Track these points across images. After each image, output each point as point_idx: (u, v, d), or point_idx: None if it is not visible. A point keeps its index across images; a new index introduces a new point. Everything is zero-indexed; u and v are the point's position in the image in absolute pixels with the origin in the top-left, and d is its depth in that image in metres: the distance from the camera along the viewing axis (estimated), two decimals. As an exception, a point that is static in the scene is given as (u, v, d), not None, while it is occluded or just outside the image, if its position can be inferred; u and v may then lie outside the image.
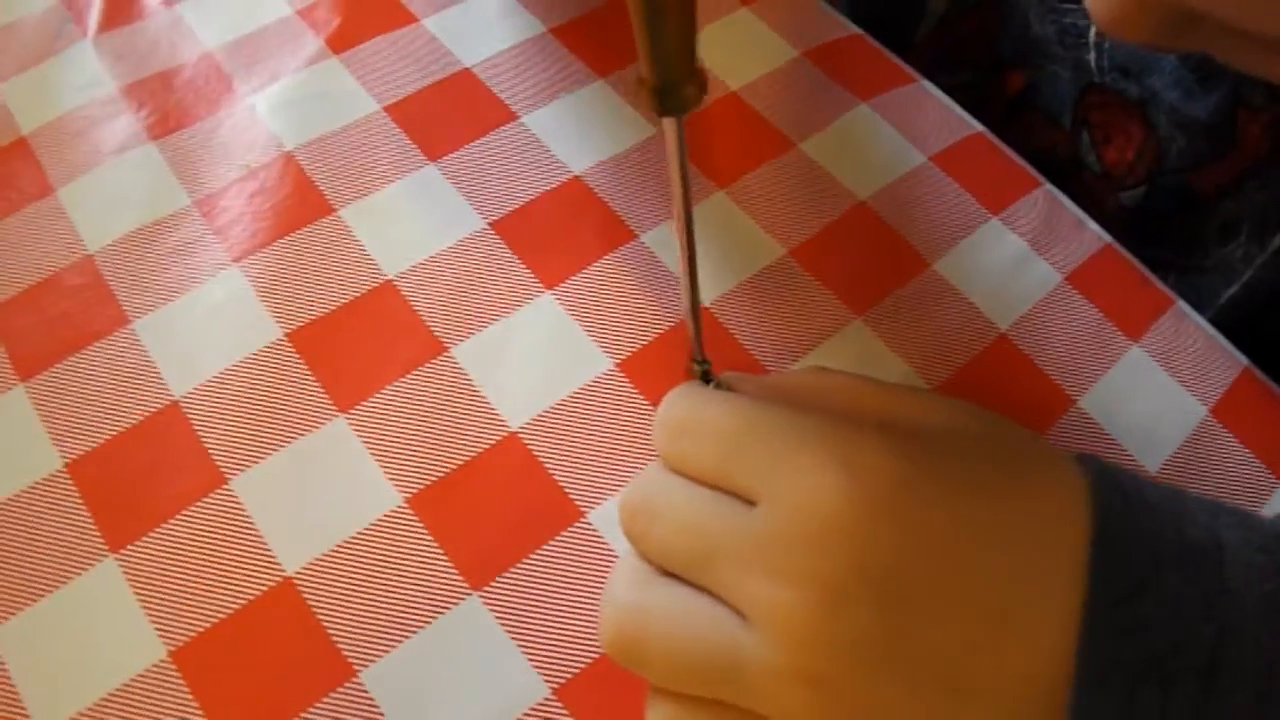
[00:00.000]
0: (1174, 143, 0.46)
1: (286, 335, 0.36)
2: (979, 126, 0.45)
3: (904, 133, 0.44)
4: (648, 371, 0.36)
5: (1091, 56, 0.47)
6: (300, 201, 0.40)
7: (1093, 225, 0.43)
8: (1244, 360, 0.41)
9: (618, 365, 0.36)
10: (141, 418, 0.34)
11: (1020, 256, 0.41)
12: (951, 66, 0.56)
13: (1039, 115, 0.52)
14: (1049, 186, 0.44)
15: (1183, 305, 0.42)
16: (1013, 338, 0.39)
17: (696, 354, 0.34)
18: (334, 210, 0.40)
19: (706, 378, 0.34)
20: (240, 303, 0.37)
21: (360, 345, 0.36)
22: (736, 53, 0.45)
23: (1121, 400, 0.38)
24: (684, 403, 0.29)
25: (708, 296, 0.38)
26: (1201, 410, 0.39)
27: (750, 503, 0.26)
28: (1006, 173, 0.44)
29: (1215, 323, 0.48)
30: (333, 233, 0.39)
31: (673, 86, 0.24)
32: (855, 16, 0.50)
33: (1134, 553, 0.25)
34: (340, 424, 0.34)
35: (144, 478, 0.33)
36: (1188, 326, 0.41)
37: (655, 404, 0.35)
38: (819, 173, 0.42)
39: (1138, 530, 0.25)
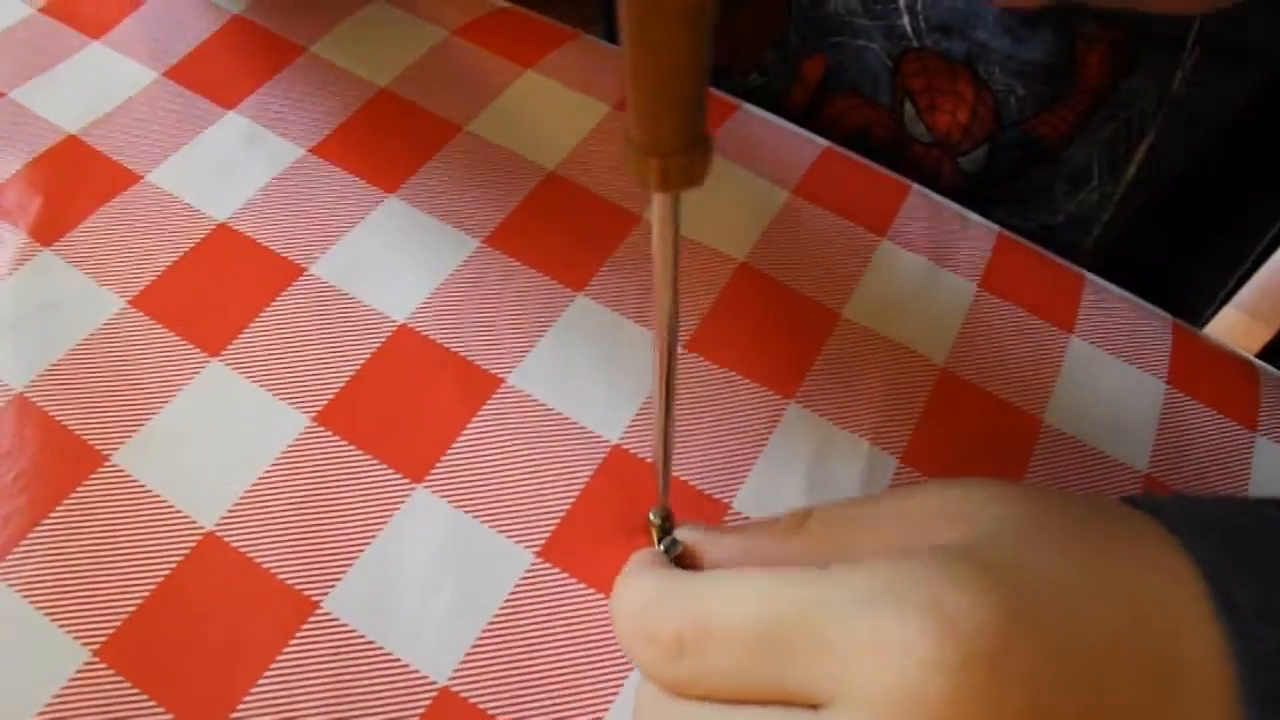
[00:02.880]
0: (1012, 93, 0.43)
1: (95, 653, 0.26)
2: (822, 141, 0.40)
3: (754, 170, 0.38)
4: (575, 551, 0.29)
5: (906, 20, 0.43)
6: (56, 459, 0.30)
7: (973, 216, 0.39)
8: (1167, 315, 0.38)
9: (538, 554, 0.29)
10: None
11: (925, 274, 0.36)
12: (734, 72, 0.52)
13: (849, 97, 0.48)
14: (917, 186, 0.40)
15: (1092, 277, 0.39)
16: (955, 369, 0.34)
17: (661, 505, 0.27)
18: (105, 458, 0.30)
19: (667, 534, 0.27)
20: (17, 626, 0.27)
21: (208, 628, 0.27)
22: (540, 123, 0.38)
23: (1083, 402, 0.34)
24: (666, 605, 0.22)
25: (615, 431, 0.31)
26: (1160, 384, 0.35)
27: (812, 706, 0.20)
28: (872, 184, 0.39)
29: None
30: (112, 490, 0.29)
31: (687, 149, 0.18)
32: (615, 40, 0.44)
33: (1264, 598, 0.21)
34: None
35: None
36: (1109, 299, 0.38)
37: (598, 587, 0.28)
38: (683, 244, 0.36)
39: (1251, 568, 0.21)
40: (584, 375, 0.32)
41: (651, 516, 0.27)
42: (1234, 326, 1.12)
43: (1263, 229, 0.50)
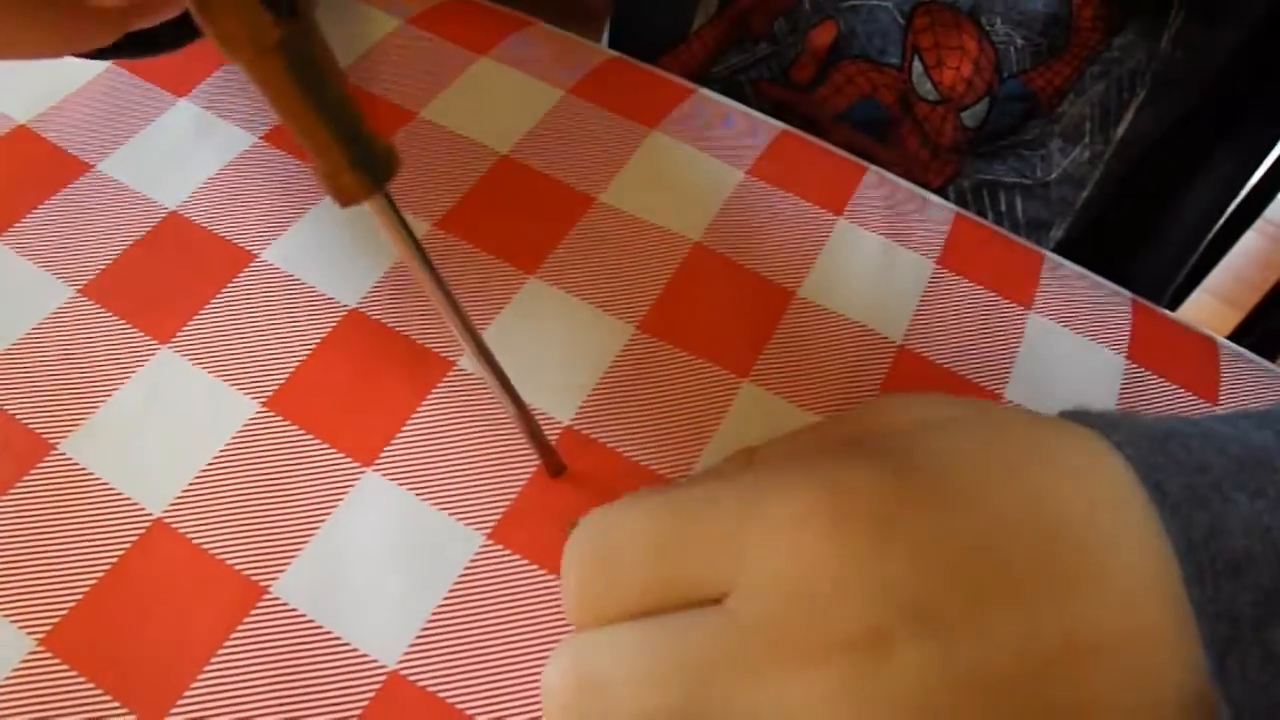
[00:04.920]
0: (1011, 44, 0.44)
1: (40, 642, 0.26)
2: (778, 124, 0.40)
3: (709, 151, 0.38)
4: (526, 532, 0.29)
5: None
6: (3, 449, 0.29)
7: (932, 196, 0.39)
8: (1126, 293, 0.38)
9: (489, 535, 0.28)
10: None
11: (882, 253, 0.36)
12: (742, 44, 0.52)
13: (857, 62, 0.49)
14: (874, 168, 0.39)
15: (1051, 255, 0.39)
16: (912, 346, 0.34)
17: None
18: (52, 447, 0.30)
19: None
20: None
21: (156, 615, 0.27)
22: (494, 108, 0.38)
23: (1043, 377, 0.34)
24: (577, 539, 0.23)
25: (567, 411, 0.31)
26: (1119, 359, 0.35)
27: (716, 601, 0.21)
28: (830, 165, 0.39)
29: (1071, 236, 0.47)
30: (59, 478, 0.29)
31: (377, 155, 0.21)
32: (626, 21, 0.45)
33: (1194, 486, 0.21)
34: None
35: None
36: (1067, 274, 0.38)
37: (548, 567, 0.28)
38: (637, 225, 0.36)
39: (1181, 462, 0.21)
40: (536, 357, 0.32)
41: None
42: (1204, 310, 1.13)
43: (1225, 202, 0.51)
